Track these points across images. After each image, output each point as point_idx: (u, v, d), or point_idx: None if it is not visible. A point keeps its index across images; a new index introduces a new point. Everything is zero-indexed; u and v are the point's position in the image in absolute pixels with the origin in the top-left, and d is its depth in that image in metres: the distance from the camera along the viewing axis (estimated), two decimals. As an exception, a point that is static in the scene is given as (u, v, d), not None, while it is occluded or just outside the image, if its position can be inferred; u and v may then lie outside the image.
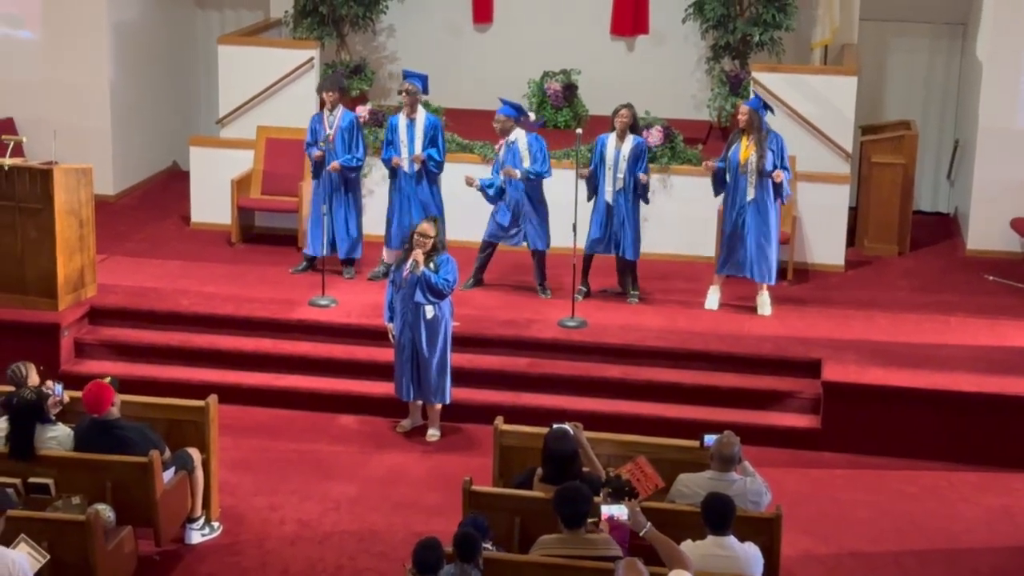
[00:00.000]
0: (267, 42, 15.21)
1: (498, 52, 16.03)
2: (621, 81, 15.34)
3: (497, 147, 12.78)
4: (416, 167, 12.73)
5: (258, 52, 14.73)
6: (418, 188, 12.79)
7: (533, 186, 12.60)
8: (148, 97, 16.16)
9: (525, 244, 12.77)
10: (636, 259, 12.69)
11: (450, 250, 10.98)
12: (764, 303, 12.52)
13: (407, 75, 12.94)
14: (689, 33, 15.55)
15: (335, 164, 12.85)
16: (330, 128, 12.96)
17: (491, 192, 12.63)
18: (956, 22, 15.72)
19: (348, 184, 13.07)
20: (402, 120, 12.79)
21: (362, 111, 14.34)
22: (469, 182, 12.58)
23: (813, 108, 13.83)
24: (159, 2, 16.28)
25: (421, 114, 12.78)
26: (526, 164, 12.50)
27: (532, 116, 12.77)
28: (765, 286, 12.50)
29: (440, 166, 12.83)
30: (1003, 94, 14.06)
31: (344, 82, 13.37)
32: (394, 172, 12.89)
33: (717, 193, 12.60)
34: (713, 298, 12.63)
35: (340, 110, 13.04)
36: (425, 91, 12.89)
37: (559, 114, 15.31)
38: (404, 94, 12.78)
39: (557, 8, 15.98)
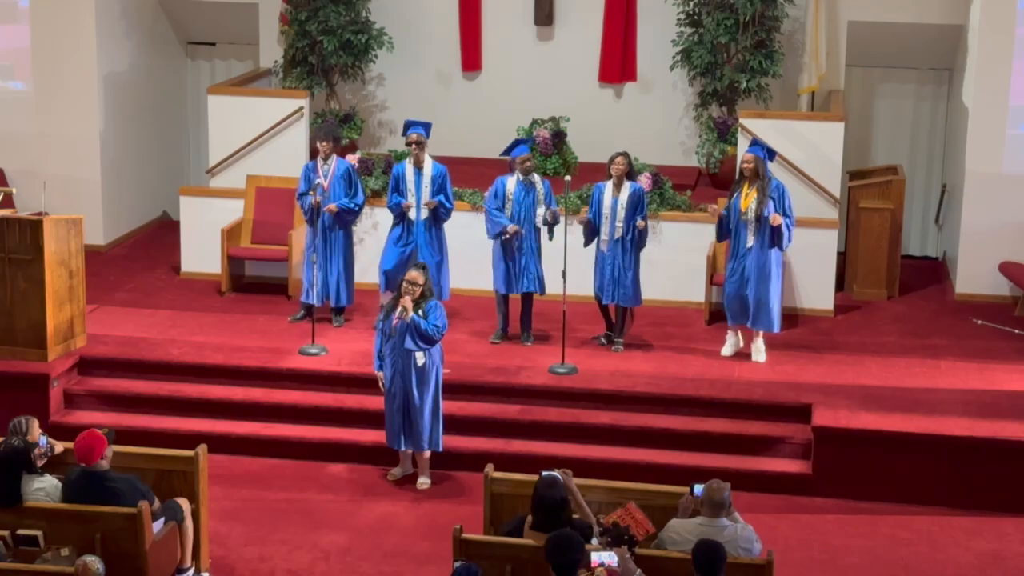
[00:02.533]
0: (257, 92, 15.26)
1: (487, 100, 16.12)
2: (610, 128, 15.45)
3: (520, 186, 12.61)
4: (425, 214, 12.76)
5: (248, 102, 14.77)
6: (427, 234, 12.82)
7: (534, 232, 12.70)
8: (138, 147, 16.21)
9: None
10: (637, 306, 12.68)
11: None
12: (759, 349, 12.52)
13: (412, 124, 12.87)
14: (677, 80, 15.65)
15: (331, 206, 12.86)
16: (324, 178, 12.98)
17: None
18: (942, 67, 15.82)
19: (341, 232, 13.08)
20: (409, 168, 12.79)
21: (352, 159, 14.39)
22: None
23: (801, 154, 13.89)
24: (149, 53, 16.36)
25: (428, 162, 12.80)
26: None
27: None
28: (761, 333, 12.51)
29: (449, 213, 12.88)
30: (989, 139, 14.13)
31: (339, 132, 13.41)
32: (399, 220, 12.90)
33: (720, 239, 12.62)
34: (730, 345, 12.61)
35: (334, 159, 13.07)
36: (427, 136, 12.94)
37: (548, 161, 15.36)
38: (413, 145, 12.76)
39: (545, 56, 16.08)
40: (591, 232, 12.56)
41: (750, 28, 14.77)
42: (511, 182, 12.63)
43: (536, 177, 12.67)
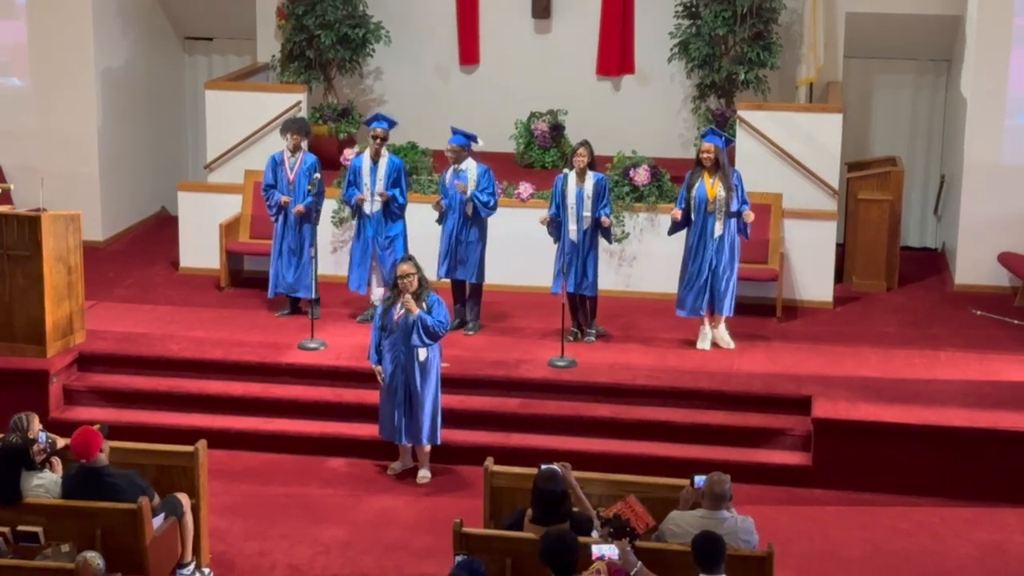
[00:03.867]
0: (254, 87, 15.27)
1: (485, 93, 16.10)
2: (608, 121, 15.43)
3: (446, 171, 12.80)
4: (378, 207, 12.75)
5: (245, 96, 14.78)
6: (382, 229, 12.82)
7: (478, 219, 12.64)
8: (136, 143, 16.19)
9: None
10: (596, 296, 12.69)
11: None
12: (725, 337, 12.55)
13: (377, 119, 12.96)
14: (675, 72, 15.63)
15: (299, 207, 12.91)
16: (291, 171, 13.01)
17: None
18: (940, 58, 15.80)
19: (305, 226, 13.09)
20: (366, 162, 12.85)
21: (349, 154, 14.38)
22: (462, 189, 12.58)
23: (799, 145, 13.88)
24: (147, 48, 16.34)
25: (384, 156, 12.83)
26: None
27: (480, 143, 12.87)
28: (723, 319, 12.52)
29: (402, 208, 12.87)
30: (988, 130, 14.12)
31: (308, 126, 13.43)
32: (357, 214, 12.93)
33: (672, 232, 12.56)
34: (706, 339, 12.60)
35: (302, 153, 13.10)
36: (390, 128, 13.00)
37: (546, 154, 15.36)
38: (377, 140, 12.80)
39: (543, 49, 16.07)
40: (556, 228, 12.52)
41: (748, 20, 14.75)
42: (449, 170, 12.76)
43: (468, 164, 12.62)
